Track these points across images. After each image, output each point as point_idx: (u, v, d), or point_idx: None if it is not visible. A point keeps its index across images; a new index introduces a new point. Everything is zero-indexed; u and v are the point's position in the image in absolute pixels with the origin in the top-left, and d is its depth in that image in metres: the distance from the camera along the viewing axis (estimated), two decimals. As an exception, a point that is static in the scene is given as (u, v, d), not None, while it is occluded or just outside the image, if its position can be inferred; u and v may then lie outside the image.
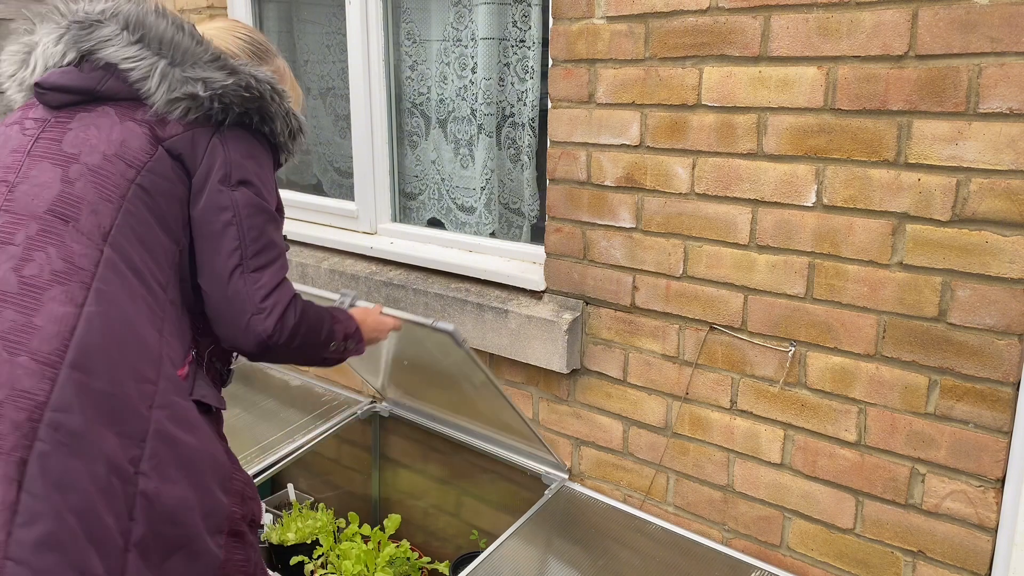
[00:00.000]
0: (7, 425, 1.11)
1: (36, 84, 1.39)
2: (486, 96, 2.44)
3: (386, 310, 1.77)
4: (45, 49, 1.40)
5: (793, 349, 1.77)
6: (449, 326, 1.76)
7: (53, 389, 1.15)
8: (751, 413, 1.87)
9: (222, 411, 1.49)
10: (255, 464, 2.38)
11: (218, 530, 1.32)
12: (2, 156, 1.35)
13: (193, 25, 1.43)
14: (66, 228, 1.26)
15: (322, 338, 1.53)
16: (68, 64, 1.39)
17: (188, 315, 1.43)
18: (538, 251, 2.28)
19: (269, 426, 2.61)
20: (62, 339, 1.18)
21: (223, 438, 1.49)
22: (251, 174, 1.43)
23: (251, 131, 1.46)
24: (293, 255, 2.82)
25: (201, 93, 1.37)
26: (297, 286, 1.65)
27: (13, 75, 1.45)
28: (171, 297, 1.37)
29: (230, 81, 1.39)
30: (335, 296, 1.88)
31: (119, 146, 1.34)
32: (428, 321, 1.79)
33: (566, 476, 2.23)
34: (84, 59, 1.39)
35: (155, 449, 1.23)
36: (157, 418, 1.25)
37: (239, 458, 1.94)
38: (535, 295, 2.22)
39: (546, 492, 2.16)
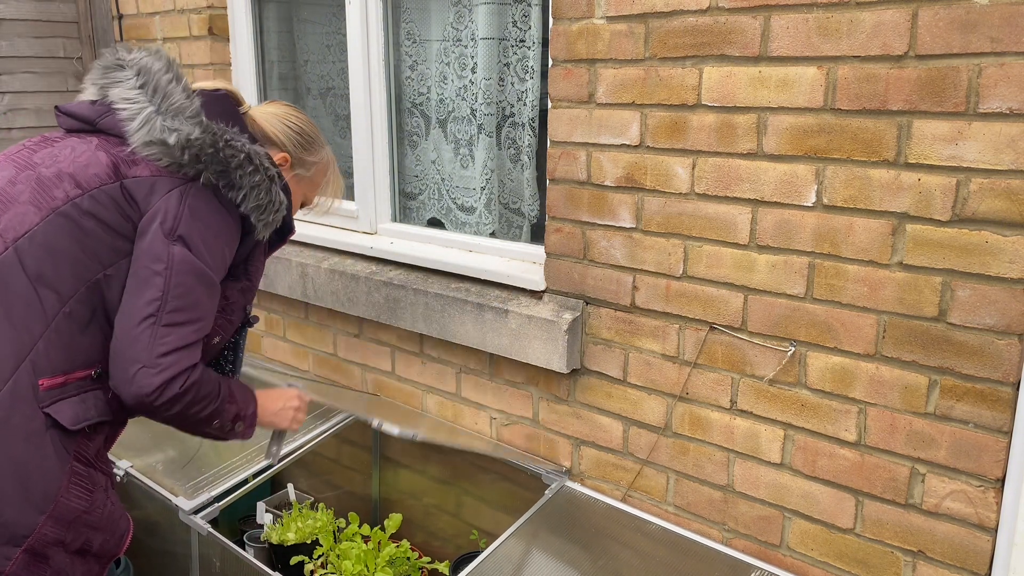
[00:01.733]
0: None
1: (55, 108, 1.55)
2: (486, 96, 2.44)
3: (319, 398, 1.71)
4: (91, 85, 1.57)
5: (793, 349, 1.77)
6: (394, 430, 1.70)
7: None
8: (751, 413, 1.87)
9: (91, 434, 1.47)
10: (255, 464, 2.39)
11: (10, 542, 1.33)
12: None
13: (186, 80, 1.55)
14: None
15: (205, 414, 1.51)
16: (92, 99, 1.54)
17: (100, 336, 1.46)
18: (538, 251, 2.28)
19: (269, 426, 2.60)
20: None
21: (86, 462, 1.46)
22: (195, 233, 1.47)
23: (218, 196, 1.52)
24: (293, 255, 2.82)
25: (171, 141, 1.45)
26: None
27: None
28: (69, 310, 1.41)
29: (197, 134, 1.47)
30: (282, 382, 1.83)
31: (79, 168, 1.44)
32: (374, 423, 1.74)
33: (565, 477, 2.23)
34: (103, 94, 1.53)
35: None
36: None
37: (239, 456, 1.94)
38: (535, 295, 2.22)
39: (546, 492, 2.16)
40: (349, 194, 2.88)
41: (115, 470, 1.93)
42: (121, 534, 1.52)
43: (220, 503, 2.19)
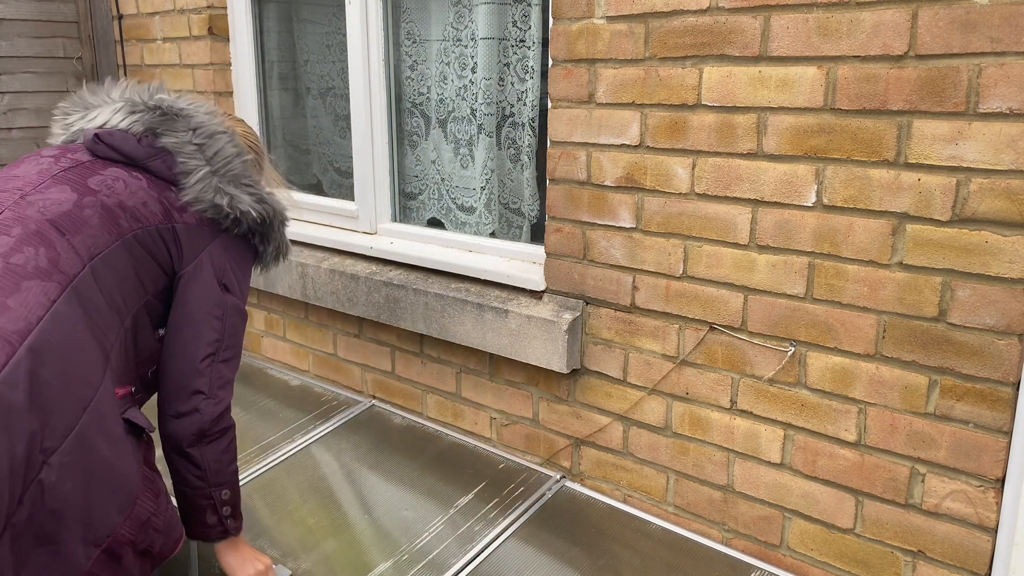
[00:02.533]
0: None
1: (95, 134, 1.57)
2: (486, 96, 2.44)
3: None
4: (114, 113, 1.61)
5: (793, 349, 1.77)
6: None
7: (7, 364, 1.25)
8: (751, 413, 1.87)
9: (151, 442, 1.58)
10: (255, 463, 2.39)
11: (94, 543, 1.38)
12: (28, 171, 1.50)
13: (248, 154, 1.69)
14: (60, 239, 1.40)
15: (232, 454, 1.69)
16: (130, 132, 1.60)
17: (135, 354, 1.56)
18: (538, 251, 2.28)
19: (268, 426, 2.61)
20: (28, 324, 1.29)
21: (152, 468, 1.56)
22: (235, 281, 1.67)
23: (246, 241, 1.71)
24: (293, 255, 2.82)
25: (225, 206, 1.62)
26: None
27: (68, 115, 1.67)
28: (127, 327, 1.51)
29: (254, 208, 1.65)
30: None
31: (138, 203, 1.54)
32: None
33: (557, 476, 2.23)
34: (146, 135, 1.60)
35: (71, 448, 1.32)
36: (86, 421, 1.35)
37: (239, 456, 1.96)
38: (535, 295, 2.22)
39: (546, 492, 2.16)
40: (349, 194, 2.88)
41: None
42: (176, 539, 1.58)
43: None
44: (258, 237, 1.71)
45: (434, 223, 2.70)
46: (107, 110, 1.62)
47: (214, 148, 1.62)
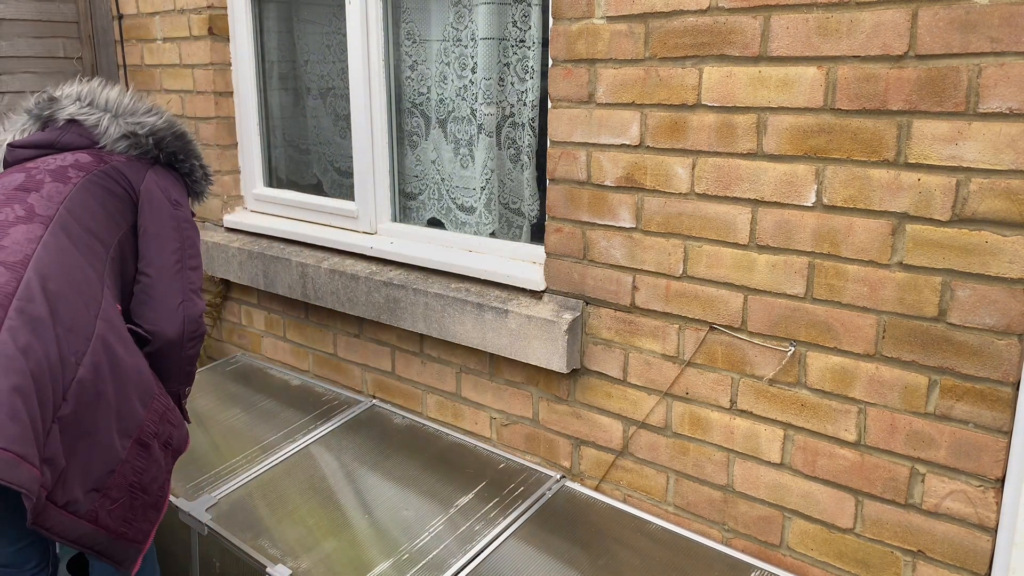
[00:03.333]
0: None
1: (9, 144, 1.79)
2: (486, 96, 2.44)
3: None
4: (13, 133, 1.85)
5: (793, 349, 1.77)
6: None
7: (19, 286, 1.46)
8: (751, 413, 1.87)
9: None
10: (255, 463, 2.39)
11: (126, 434, 1.58)
12: None
13: (132, 89, 1.87)
14: (28, 195, 1.63)
15: (194, 364, 1.87)
16: (32, 131, 1.83)
17: (122, 283, 1.75)
18: (538, 251, 2.28)
19: (269, 426, 2.61)
20: (25, 254, 1.51)
21: (153, 374, 1.75)
22: (183, 199, 1.88)
23: (173, 170, 1.91)
24: (293, 255, 2.82)
25: (139, 132, 1.83)
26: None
27: None
28: (113, 256, 1.70)
29: (161, 123, 1.87)
30: None
31: (72, 161, 1.75)
32: None
33: (557, 476, 2.24)
34: (46, 126, 1.83)
35: (95, 350, 1.52)
36: (100, 327, 1.56)
37: (240, 456, 2.00)
38: (535, 295, 2.22)
39: (546, 492, 2.16)
40: (349, 194, 2.88)
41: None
42: (185, 435, 1.78)
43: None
44: (181, 157, 1.90)
45: (434, 223, 2.70)
46: (10, 129, 1.88)
47: (102, 98, 1.84)
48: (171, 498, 2.20)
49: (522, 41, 2.34)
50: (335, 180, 3.05)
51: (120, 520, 1.58)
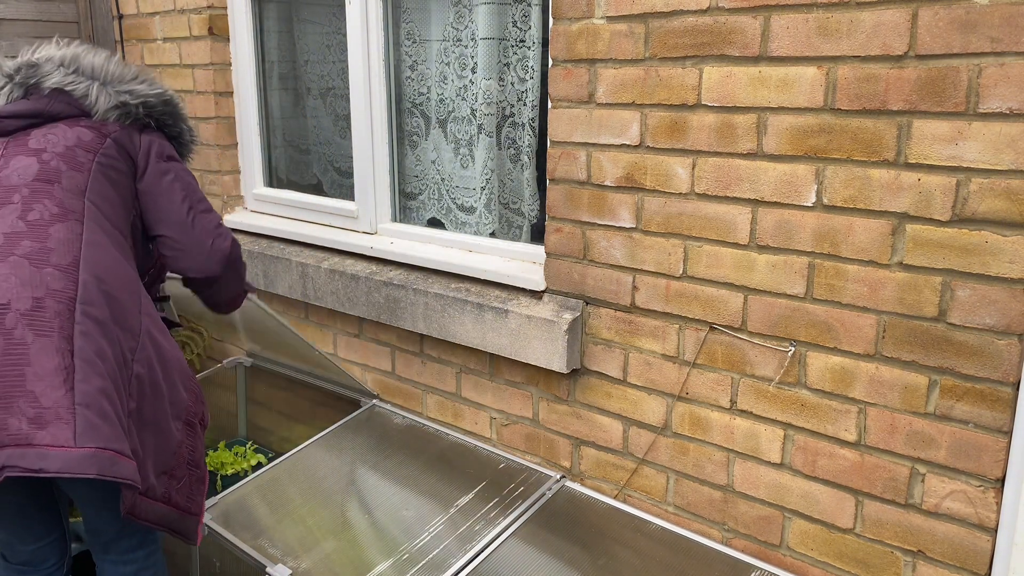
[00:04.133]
0: (51, 313, 1.47)
1: None
2: (486, 96, 2.44)
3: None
4: None
5: (793, 349, 1.77)
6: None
7: (78, 288, 1.51)
8: (751, 413, 1.87)
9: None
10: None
11: (178, 417, 1.68)
12: None
13: (118, 55, 1.85)
14: (52, 187, 1.63)
15: (245, 270, 2.04)
16: (15, 99, 1.76)
17: (136, 261, 1.80)
18: (538, 251, 2.28)
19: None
20: (73, 255, 1.55)
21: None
22: (174, 153, 1.90)
23: (163, 134, 1.92)
24: (293, 255, 2.82)
25: (129, 101, 1.82)
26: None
27: None
28: (130, 243, 1.76)
29: (151, 92, 1.86)
30: None
31: (76, 140, 1.73)
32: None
33: (557, 476, 2.24)
34: (29, 93, 1.77)
35: (144, 344, 1.60)
36: (145, 323, 1.63)
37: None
38: (535, 295, 2.22)
39: (546, 492, 2.16)
40: (349, 194, 2.88)
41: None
42: (208, 413, 1.85)
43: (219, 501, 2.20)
44: (171, 121, 1.93)
45: (434, 223, 2.70)
46: None
47: (87, 64, 1.80)
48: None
49: (522, 41, 2.34)
50: (335, 180, 3.05)
51: (186, 497, 1.70)
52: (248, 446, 2.95)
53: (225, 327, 2.99)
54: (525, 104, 2.37)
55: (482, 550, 1.96)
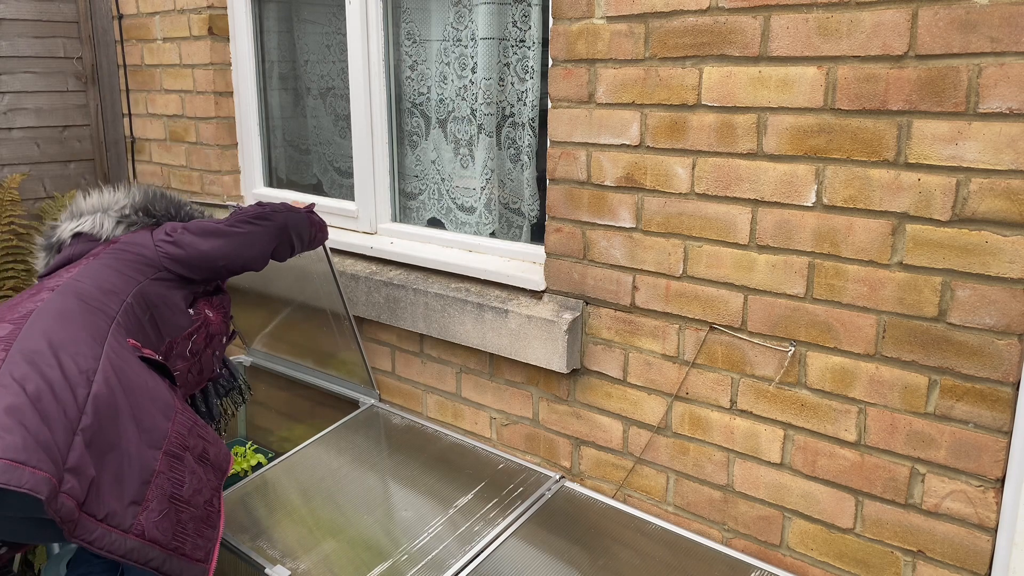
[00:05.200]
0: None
1: (39, 278, 1.99)
2: (486, 96, 2.44)
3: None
4: (40, 270, 2.11)
5: (793, 349, 1.77)
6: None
7: (20, 332, 1.60)
8: (751, 413, 1.87)
9: (175, 384, 1.89)
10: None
11: (154, 446, 1.65)
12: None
13: (101, 186, 2.16)
14: (42, 292, 1.79)
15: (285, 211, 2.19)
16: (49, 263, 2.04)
17: (155, 325, 1.92)
18: (538, 251, 2.28)
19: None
20: (28, 310, 1.66)
21: (183, 401, 1.85)
22: (177, 227, 2.06)
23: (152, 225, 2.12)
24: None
25: (128, 213, 2.08)
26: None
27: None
28: (128, 302, 1.85)
29: (140, 197, 2.12)
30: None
31: (88, 259, 1.95)
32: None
33: (557, 476, 2.23)
34: (58, 250, 2.04)
35: (105, 366, 1.62)
36: (108, 348, 1.67)
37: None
38: (535, 295, 2.22)
39: (545, 492, 2.16)
40: (349, 194, 2.88)
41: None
42: (226, 453, 1.86)
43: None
44: (173, 212, 2.16)
45: (434, 223, 2.70)
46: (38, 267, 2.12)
47: (87, 206, 2.09)
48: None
49: (522, 41, 2.34)
50: (335, 180, 3.05)
51: (170, 534, 1.62)
52: (248, 446, 2.95)
53: (245, 309, 2.99)
54: (525, 104, 2.37)
55: (482, 550, 1.96)
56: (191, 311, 2.03)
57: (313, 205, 2.30)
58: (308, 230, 2.21)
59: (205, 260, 2.01)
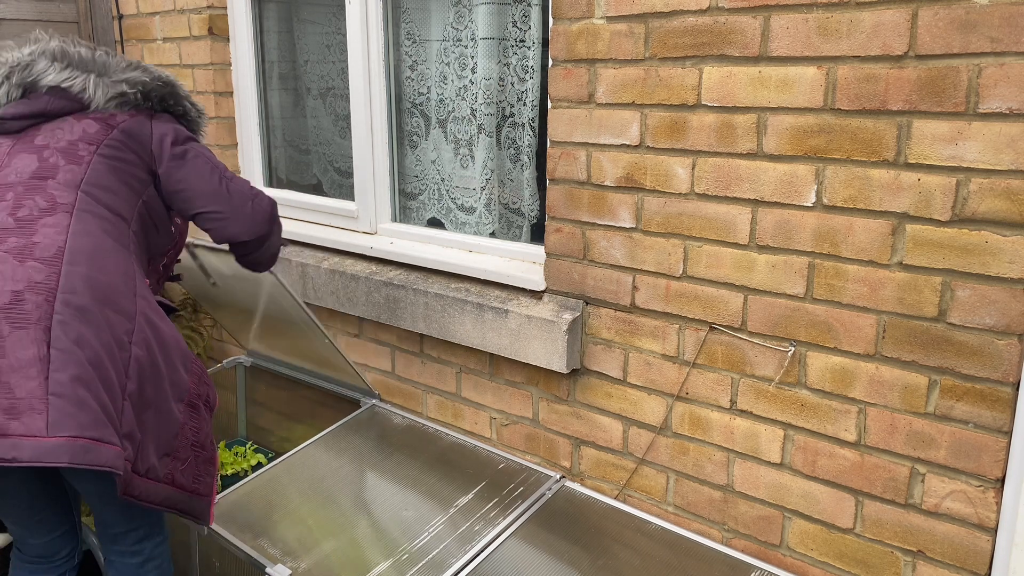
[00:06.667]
0: (31, 305, 1.49)
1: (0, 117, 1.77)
2: (486, 96, 2.44)
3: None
4: None
5: (793, 349, 1.77)
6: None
7: (59, 279, 1.53)
8: (751, 413, 1.87)
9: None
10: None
11: (179, 399, 1.71)
12: None
13: (105, 48, 1.90)
14: (45, 183, 1.66)
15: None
16: (15, 99, 1.77)
17: (147, 248, 1.84)
18: (538, 251, 2.28)
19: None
20: (58, 247, 1.58)
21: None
22: (189, 134, 1.91)
23: (169, 115, 1.92)
24: (293, 255, 2.82)
25: (127, 90, 1.82)
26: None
27: None
28: (134, 229, 1.77)
29: (145, 76, 1.87)
30: None
31: (80, 133, 1.75)
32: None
33: (557, 476, 2.24)
34: (27, 92, 1.78)
35: (141, 327, 1.62)
36: (141, 305, 1.65)
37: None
38: (535, 295, 2.22)
39: (545, 492, 2.16)
40: (349, 194, 2.88)
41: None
42: (215, 393, 1.89)
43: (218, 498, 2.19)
44: (172, 101, 1.93)
45: (434, 223, 2.70)
46: None
47: (77, 59, 1.81)
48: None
49: (522, 41, 2.34)
50: (335, 180, 3.05)
51: (192, 478, 1.74)
52: (248, 446, 2.95)
53: (234, 317, 2.98)
54: (525, 104, 2.37)
55: (482, 550, 1.96)
56: (172, 228, 1.94)
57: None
58: (276, 253, 2.08)
59: (192, 205, 1.85)
